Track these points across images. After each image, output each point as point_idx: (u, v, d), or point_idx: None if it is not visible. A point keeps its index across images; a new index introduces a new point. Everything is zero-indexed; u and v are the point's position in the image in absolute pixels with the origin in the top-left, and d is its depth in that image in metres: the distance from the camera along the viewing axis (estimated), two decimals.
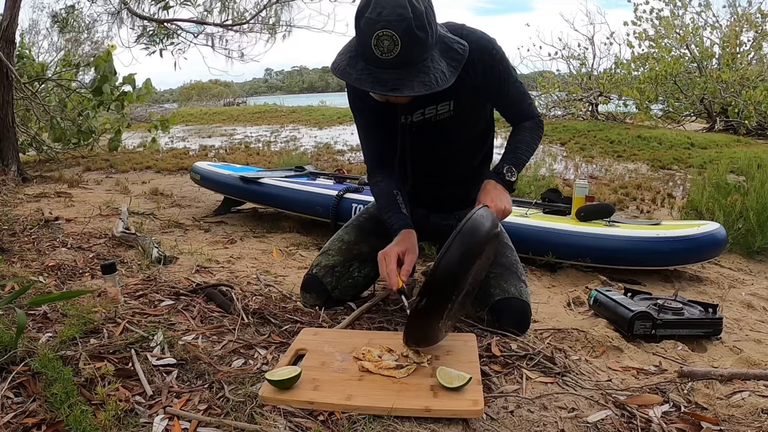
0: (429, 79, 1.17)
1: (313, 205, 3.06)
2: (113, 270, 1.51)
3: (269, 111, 13.46)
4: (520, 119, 1.52)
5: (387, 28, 1.11)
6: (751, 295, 2.25)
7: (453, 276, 1.08)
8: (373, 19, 1.12)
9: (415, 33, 1.13)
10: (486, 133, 1.58)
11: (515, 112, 1.52)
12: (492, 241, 1.20)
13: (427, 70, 1.17)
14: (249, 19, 6.30)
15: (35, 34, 7.15)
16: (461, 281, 1.11)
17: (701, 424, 0.98)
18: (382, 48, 1.13)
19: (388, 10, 1.11)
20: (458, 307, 1.22)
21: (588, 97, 9.46)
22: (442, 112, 1.44)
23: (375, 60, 1.16)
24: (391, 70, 1.16)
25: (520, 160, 1.45)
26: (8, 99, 4.83)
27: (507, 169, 1.40)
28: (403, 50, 1.14)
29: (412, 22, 1.12)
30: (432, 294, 1.08)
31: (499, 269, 1.49)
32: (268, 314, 1.47)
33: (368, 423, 0.95)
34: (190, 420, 0.96)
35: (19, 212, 3.00)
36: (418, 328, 1.14)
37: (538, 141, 1.51)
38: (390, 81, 1.16)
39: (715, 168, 3.49)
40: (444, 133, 1.48)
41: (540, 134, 1.52)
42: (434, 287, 1.08)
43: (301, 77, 66.35)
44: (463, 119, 1.47)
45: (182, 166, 5.76)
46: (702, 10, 8.95)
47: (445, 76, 1.20)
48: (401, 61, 1.15)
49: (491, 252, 1.28)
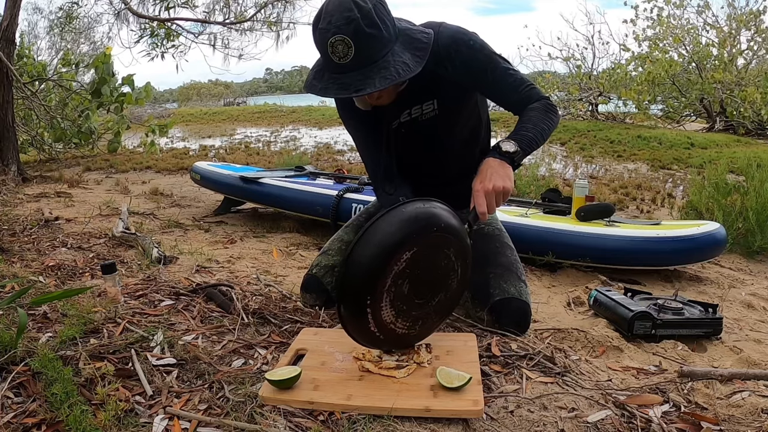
0: (390, 73, 1.18)
1: (313, 205, 3.06)
2: (113, 270, 1.51)
3: (269, 111, 13.47)
4: (524, 104, 1.40)
5: (337, 33, 1.14)
6: (751, 295, 2.25)
7: (360, 275, 1.07)
8: (325, 28, 1.16)
9: (365, 32, 1.15)
10: (478, 128, 1.56)
11: (515, 99, 1.41)
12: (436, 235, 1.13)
13: (387, 64, 1.18)
14: (249, 18, 6.30)
15: (34, 37, 7.16)
16: (377, 279, 1.07)
17: (701, 424, 0.98)
18: (338, 53, 1.16)
19: (336, 17, 1.14)
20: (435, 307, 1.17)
21: (588, 97, 9.46)
22: (427, 111, 1.44)
23: (336, 67, 1.18)
24: (352, 72, 1.18)
25: (523, 136, 1.32)
26: (8, 99, 4.83)
27: (504, 143, 1.29)
28: (358, 51, 1.16)
29: (360, 22, 1.14)
30: (342, 295, 1.10)
31: (499, 269, 1.49)
32: (268, 314, 1.47)
33: (368, 423, 0.95)
34: (190, 420, 0.96)
35: (19, 212, 3.00)
36: (354, 333, 1.14)
37: (548, 121, 1.36)
38: (353, 83, 1.17)
39: (714, 168, 3.49)
40: (433, 132, 1.47)
41: (550, 114, 1.38)
42: (342, 286, 1.09)
43: (301, 77, 66.28)
44: (451, 116, 1.46)
45: (182, 166, 5.76)
46: (701, 9, 8.95)
47: (408, 66, 1.20)
48: (359, 62, 1.17)
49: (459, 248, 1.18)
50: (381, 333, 1.13)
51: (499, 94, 1.43)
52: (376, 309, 1.09)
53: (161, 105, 16.84)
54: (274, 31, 6.44)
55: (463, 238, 1.19)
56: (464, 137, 1.54)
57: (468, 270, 1.25)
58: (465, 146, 1.56)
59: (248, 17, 6.33)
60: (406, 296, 1.12)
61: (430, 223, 1.11)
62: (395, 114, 1.45)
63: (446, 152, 1.54)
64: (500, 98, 1.45)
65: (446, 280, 1.18)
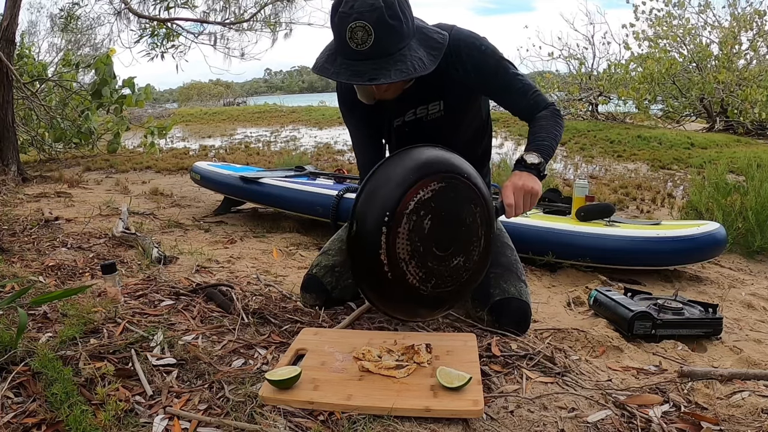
0: (406, 66, 1.17)
1: (313, 205, 3.06)
2: (113, 270, 1.51)
3: (269, 111, 13.47)
4: (533, 111, 1.45)
5: (359, 19, 1.13)
6: (751, 295, 2.25)
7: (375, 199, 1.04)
8: (346, 13, 1.14)
9: (387, 22, 1.14)
10: (481, 131, 1.57)
11: (524, 104, 1.45)
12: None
13: (404, 58, 1.18)
14: (248, 18, 6.30)
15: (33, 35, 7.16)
16: (402, 194, 1.05)
17: (701, 424, 0.98)
18: (356, 40, 1.15)
19: (359, 2, 1.13)
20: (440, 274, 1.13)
21: (588, 97, 9.46)
22: (433, 111, 1.44)
23: (351, 53, 1.17)
24: (368, 61, 1.17)
25: (541, 146, 1.38)
26: (8, 99, 4.83)
27: (527, 156, 1.35)
28: (377, 40, 1.15)
29: (384, 11, 1.13)
30: (363, 205, 1.05)
31: (499, 269, 1.49)
32: (268, 314, 1.47)
33: (368, 423, 0.95)
34: (190, 420, 0.96)
35: (19, 212, 3.00)
36: (359, 263, 1.09)
37: (558, 128, 1.42)
38: (367, 72, 1.17)
39: (714, 168, 3.49)
40: (437, 132, 1.47)
41: (559, 121, 1.43)
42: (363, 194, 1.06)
43: (301, 77, 66.33)
44: (456, 118, 1.47)
45: (182, 166, 5.76)
46: (702, 9, 8.95)
47: (424, 63, 1.20)
48: (376, 52, 1.16)
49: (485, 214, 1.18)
50: (390, 270, 1.09)
51: (508, 99, 1.46)
52: (392, 233, 1.05)
53: (161, 105, 16.86)
54: (274, 31, 6.44)
55: (490, 207, 1.21)
56: (467, 138, 1.55)
57: (489, 250, 1.24)
58: (467, 147, 1.57)
59: (248, 17, 6.33)
60: (426, 236, 1.09)
61: (462, 169, 1.13)
62: (400, 112, 1.45)
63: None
64: (509, 103, 1.47)
65: (468, 245, 1.16)
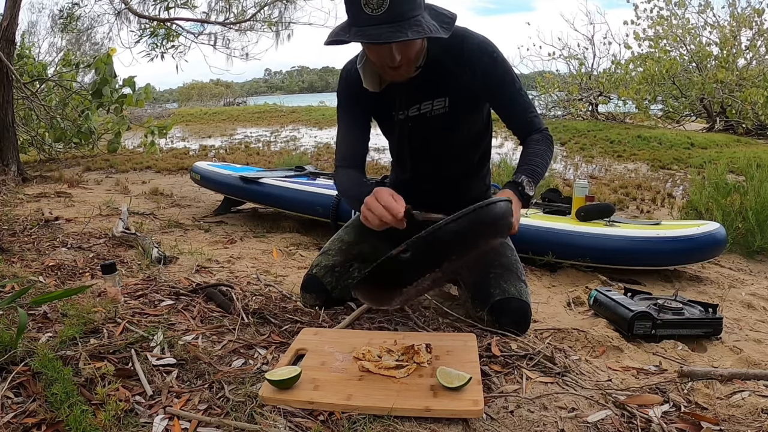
0: (422, 28, 1.19)
1: (313, 205, 3.06)
2: (113, 270, 1.51)
3: (269, 111, 13.47)
4: (527, 130, 1.46)
5: None
6: (751, 295, 2.25)
7: (450, 243, 1.04)
8: None
9: None
10: (483, 133, 1.58)
11: (522, 121, 1.46)
12: (491, 241, 1.16)
13: (419, 22, 1.20)
14: (248, 18, 6.30)
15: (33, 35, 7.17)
16: (452, 253, 1.06)
17: (701, 424, 0.98)
18: (372, 4, 1.16)
19: None
20: (423, 286, 1.16)
21: (588, 97, 9.46)
22: (438, 108, 1.44)
23: (367, 19, 1.18)
24: (384, 25, 1.18)
25: (536, 174, 1.38)
26: (8, 99, 4.83)
27: (527, 183, 1.34)
28: (393, 5, 1.16)
29: None
30: (420, 249, 1.04)
31: (499, 269, 1.49)
32: (268, 314, 1.47)
33: (368, 423, 0.95)
34: (190, 420, 0.96)
35: (19, 212, 3.00)
36: (381, 277, 1.08)
37: (550, 153, 1.44)
38: (383, 34, 1.18)
39: (714, 168, 3.49)
40: (440, 130, 1.48)
41: (551, 148, 1.46)
42: (427, 243, 1.03)
43: (301, 77, 66.38)
44: (459, 117, 1.47)
45: (182, 166, 5.76)
46: (702, 9, 8.95)
47: (438, 28, 1.22)
48: (392, 16, 1.17)
49: (482, 251, 1.20)
50: (396, 295, 1.12)
51: (507, 111, 1.47)
52: (432, 276, 1.09)
53: (161, 105, 16.85)
54: (276, 31, 6.44)
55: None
56: (468, 140, 1.55)
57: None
58: (466, 149, 1.57)
59: (248, 17, 6.33)
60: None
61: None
62: (404, 105, 1.45)
63: (448, 152, 1.55)
64: (507, 115, 1.49)
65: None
